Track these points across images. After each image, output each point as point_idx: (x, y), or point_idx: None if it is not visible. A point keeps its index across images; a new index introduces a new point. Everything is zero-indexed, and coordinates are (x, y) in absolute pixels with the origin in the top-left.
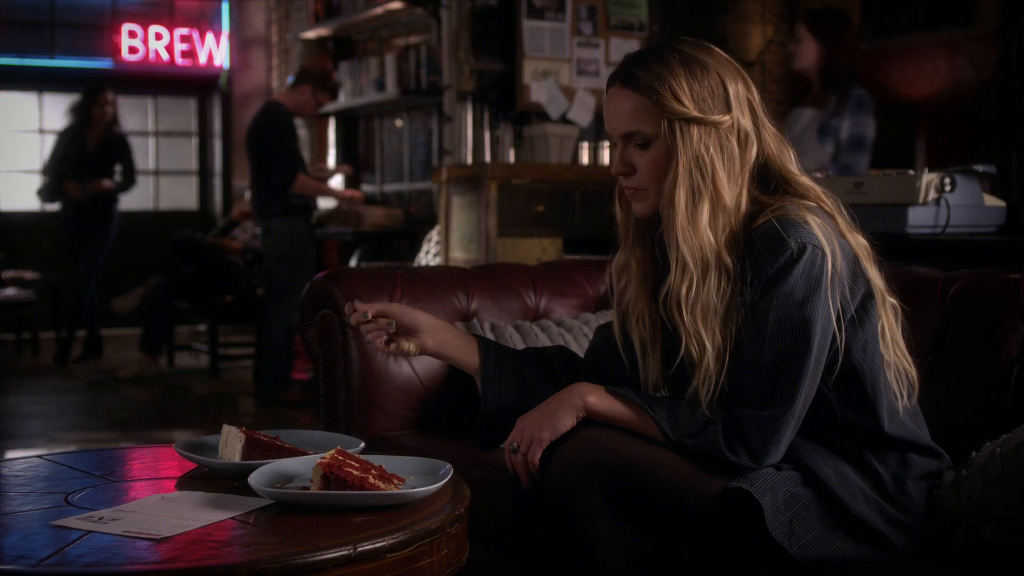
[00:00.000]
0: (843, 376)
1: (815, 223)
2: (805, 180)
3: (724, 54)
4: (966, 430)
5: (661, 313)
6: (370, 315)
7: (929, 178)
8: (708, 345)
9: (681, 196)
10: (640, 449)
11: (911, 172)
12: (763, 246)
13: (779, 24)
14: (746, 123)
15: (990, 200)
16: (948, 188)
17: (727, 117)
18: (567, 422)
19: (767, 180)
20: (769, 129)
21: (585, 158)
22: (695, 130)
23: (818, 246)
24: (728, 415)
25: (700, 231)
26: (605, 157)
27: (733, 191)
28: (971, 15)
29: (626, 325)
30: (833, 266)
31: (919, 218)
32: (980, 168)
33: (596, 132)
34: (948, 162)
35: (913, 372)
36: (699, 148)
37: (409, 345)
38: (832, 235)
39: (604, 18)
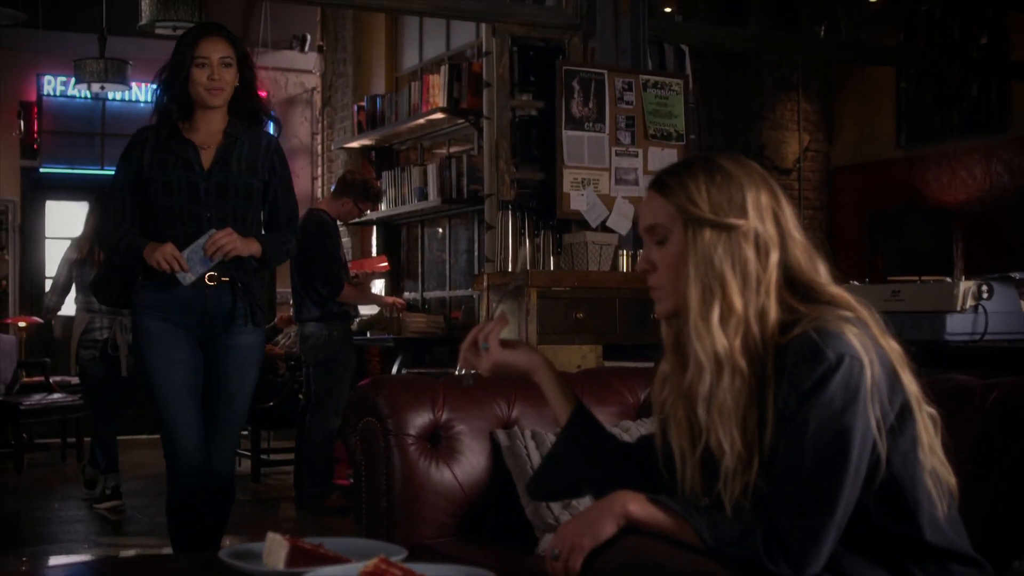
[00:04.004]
0: (883, 485)
1: (852, 333)
2: (835, 290)
3: (755, 166)
4: (1008, 538)
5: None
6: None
7: (966, 286)
8: (726, 446)
9: (694, 294)
10: (680, 558)
11: (948, 280)
12: (801, 357)
13: (815, 132)
14: (765, 231)
15: None
16: (985, 295)
17: (742, 222)
18: (608, 529)
19: (795, 290)
20: (797, 240)
21: (624, 266)
22: (707, 232)
23: (856, 356)
24: (768, 524)
25: (713, 330)
26: None
27: (746, 298)
28: (1006, 122)
29: (666, 433)
30: (872, 376)
31: (957, 326)
32: (1017, 275)
33: (635, 240)
34: (986, 268)
35: (952, 481)
36: (709, 250)
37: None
38: (870, 344)
39: (643, 128)
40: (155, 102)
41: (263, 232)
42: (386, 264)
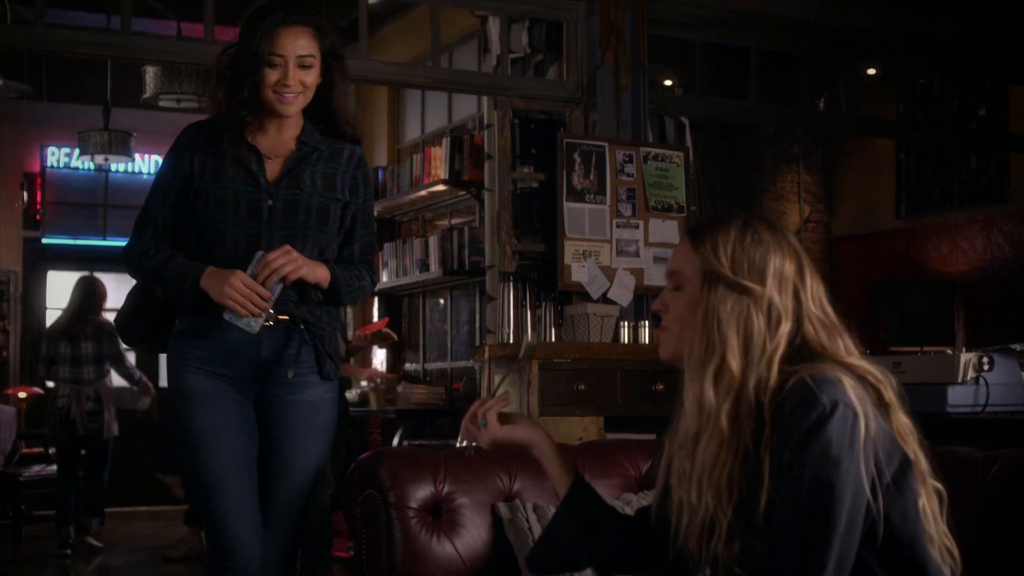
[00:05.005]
0: (885, 545)
1: (849, 384)
2: (851, 361)
3: (790, 237)
4: None
5: None
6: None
7: (967, 357)
8: (694, 498)
9: (696, 346)
10: None
11: (949, 351)
12: (796, 402)
13: (815, 203)
14: (781, 302)
15: None
16: (986, 367)
17: (758, 288)
18: None
19: (801, 360)
20: (815, 316)
21: (626, 337)
22: (721, 288)
23: (850, 405)
24: None
25: (705, 383)
26: (646, 336)
27: (746, 363)
28: (1005, 193)
29: (666, 499)
30: (866, 428)
31: (958, 397)
32: (1018, 347)
33: (636, 311)
34: (988, 338)
35: (956, 552)
36: (718, 305)
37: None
38: (866, 399)
39: (643, 200)
40: (217, 96)
41: None
42: (390, 332)
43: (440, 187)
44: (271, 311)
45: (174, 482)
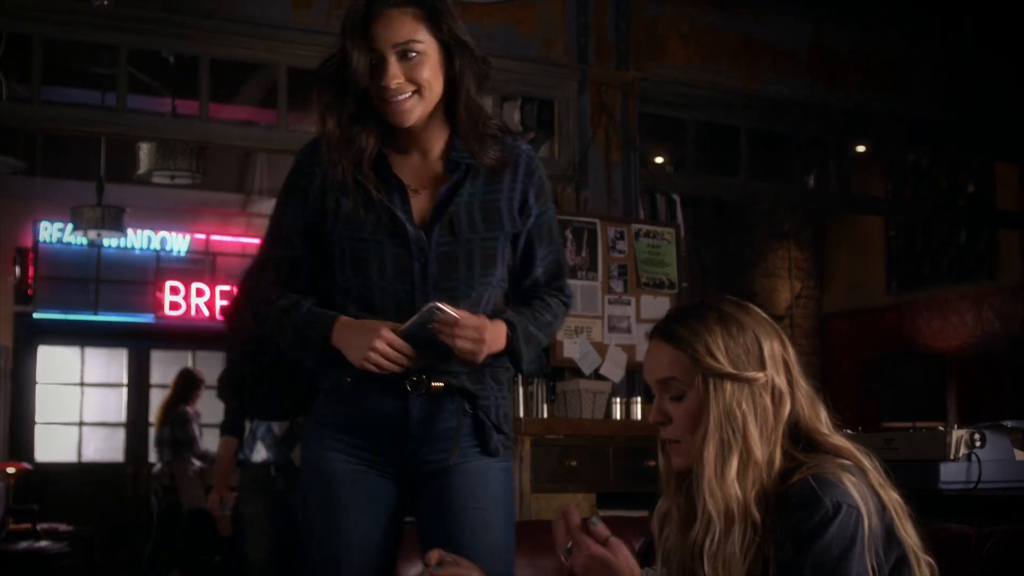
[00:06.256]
0: None
1: (850, 482)
2: (836, 441)
3: (763, 314)
4: None
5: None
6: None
7: (959, 434)
8: None
9: (710, 449)
10: None
11: (940, 428)
12: (798, 503)
13: (806, 279)
14: (780, 381)
15: (1021, 455)
16: (978, 444)
17: (761, 374)
18: None
19: (797, 438)
20: (803, 388)
21: (618, 413)
22: (728, 386)
23: (853, 505)
24: None
25: (727, 484)
26: (638, 412)
27: (765, 447)
28: (994, 269)
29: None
30: (869, 526)
31: (951, 474)
32: (1009, 424)
33: (628, 387)
34: (981, 414)
35: None
36: (731, 403)
37: None
38: (867, 494)
39: (635, 276)
40: (338, 115)
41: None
42: None
43: None
44: (425, 381)
45: None
